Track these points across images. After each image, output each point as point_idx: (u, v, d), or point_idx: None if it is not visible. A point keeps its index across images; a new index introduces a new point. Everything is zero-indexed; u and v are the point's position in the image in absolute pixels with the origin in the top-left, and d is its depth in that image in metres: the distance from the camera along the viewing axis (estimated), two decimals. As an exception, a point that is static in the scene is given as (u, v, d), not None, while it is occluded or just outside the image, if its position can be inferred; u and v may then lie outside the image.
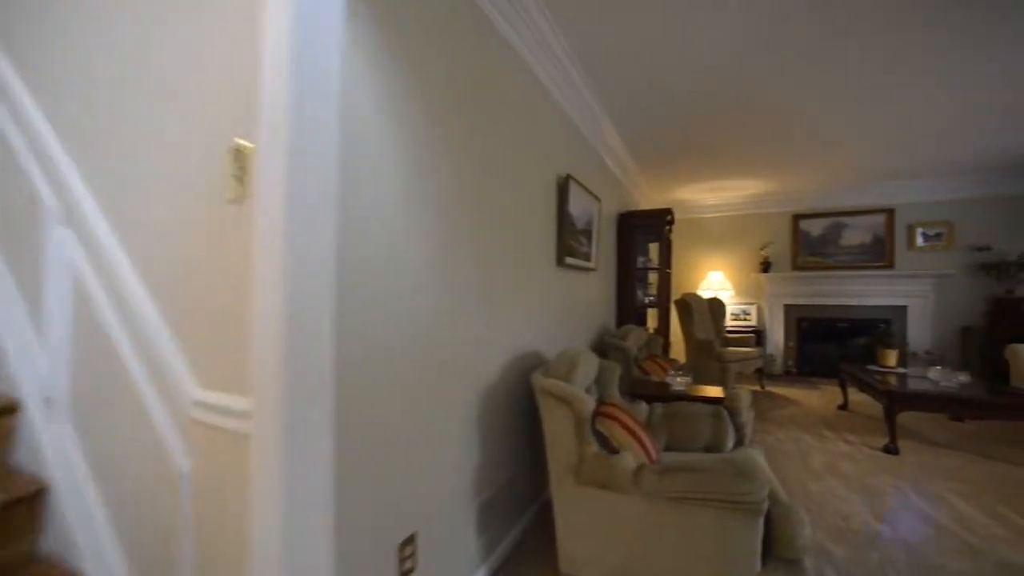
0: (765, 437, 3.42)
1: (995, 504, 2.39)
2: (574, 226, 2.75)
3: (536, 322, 2.35)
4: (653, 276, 4.64)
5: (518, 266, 2.15)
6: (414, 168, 1.39)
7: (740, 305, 6.22)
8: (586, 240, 3.04)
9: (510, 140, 2.05)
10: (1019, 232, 5.06)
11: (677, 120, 3.55)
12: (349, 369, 1.12)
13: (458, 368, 1.62)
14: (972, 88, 2.99)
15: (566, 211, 2.54)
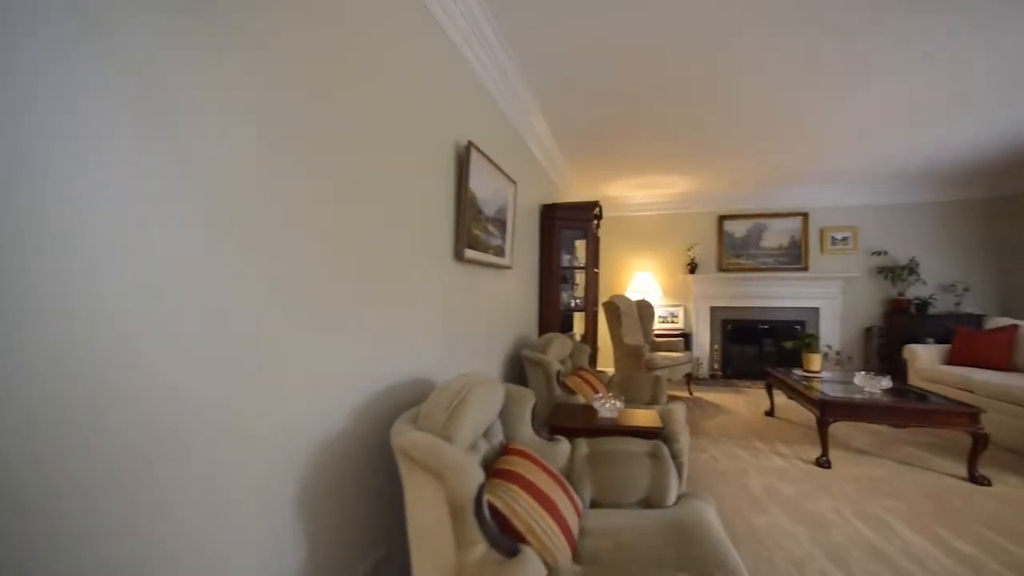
0: (700, 455, 3.09)
1: (934, 527, 2.21)
2: (480, 212, 2.17)
3: (423, 337, 1.74)
4: (580, 277, 4.22)
5: (394, 260, 1.53)
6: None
7: (668, 307, 6.05)
8: (498, 231, 2.48)
9: (389, 88, 1.43)
10: (910, 239, 5.34)
11: (605, 106, 3.22)
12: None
13: (256, 425, 0.96)
14: (879, 102, 3.18)
15: (467, 190, 1.95)
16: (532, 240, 3.61)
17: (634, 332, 5.06)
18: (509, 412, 1.63)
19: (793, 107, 3.28)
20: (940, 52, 2.54)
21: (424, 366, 1.77)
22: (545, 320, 3.71)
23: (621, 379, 3.16)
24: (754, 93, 3.04)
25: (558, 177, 4.71)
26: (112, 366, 0.72)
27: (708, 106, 3.25)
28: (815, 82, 2.89)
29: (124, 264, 0.74)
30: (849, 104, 3.23)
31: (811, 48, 2.49)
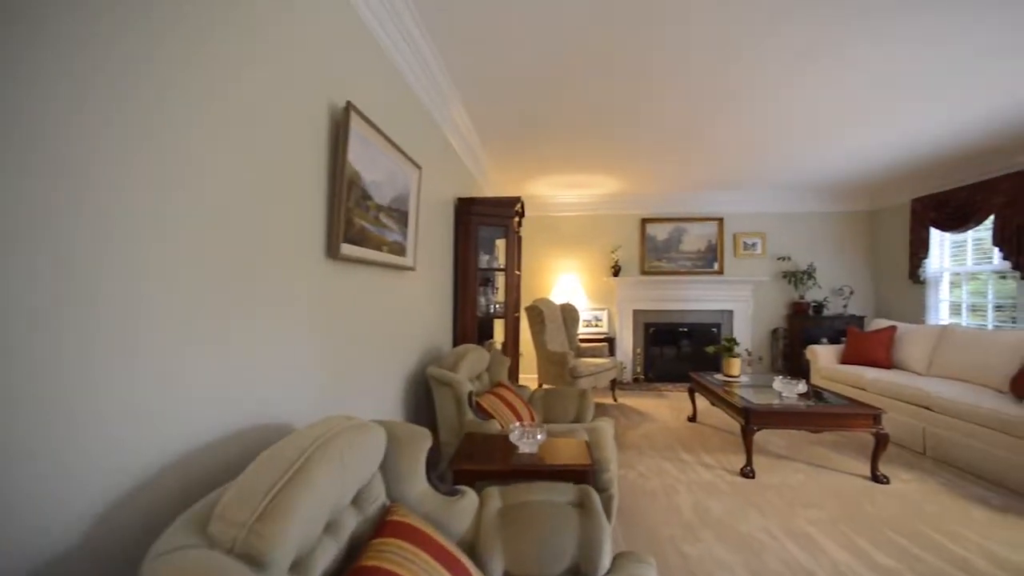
0: (629, 473, 2.87)
1: (854, 537, 2.17)
2: (368, 197, 1.71)
3: (280, 364, 1.26)
4: (501, 279, 3.87)
5: (229, 261, 1.04)
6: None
7: (592, 311, 5.93)
8: (397, 225, 2.03)
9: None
10: (810, 245, 5.71)
11: (530, 99, 2.98)
12: None
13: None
14: (778, 115, 3.25)
15: (345, 165, 1.49)
16: (446, 238, 3.18)
17: (558, 338, 4.83)
18: (394, 462, 1.21)
19: (706, 115, 3.27)
20: (826, 67, 2.59)
21: (287, 405, 1.28)
22: (461, 328, 3.31)
23: (544, 394, 2.85)
24: (673, 99, 3.00)
25: (479, 173, 4.33)
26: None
27: (633, 106, 3.13)
28: (722, 92, 2.89)
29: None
30: (752, 115, 3.26)
31: (719, 60, 2.50)
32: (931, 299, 4.83)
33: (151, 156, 0.87)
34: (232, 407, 1.10)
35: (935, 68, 2.59)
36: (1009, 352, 3.24)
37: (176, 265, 0.93)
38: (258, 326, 1.18)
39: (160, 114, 0.89)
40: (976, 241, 4.48)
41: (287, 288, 1.29)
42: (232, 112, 1.08)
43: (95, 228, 0.77)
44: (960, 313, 4.63)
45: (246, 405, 1.15)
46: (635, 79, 2.74)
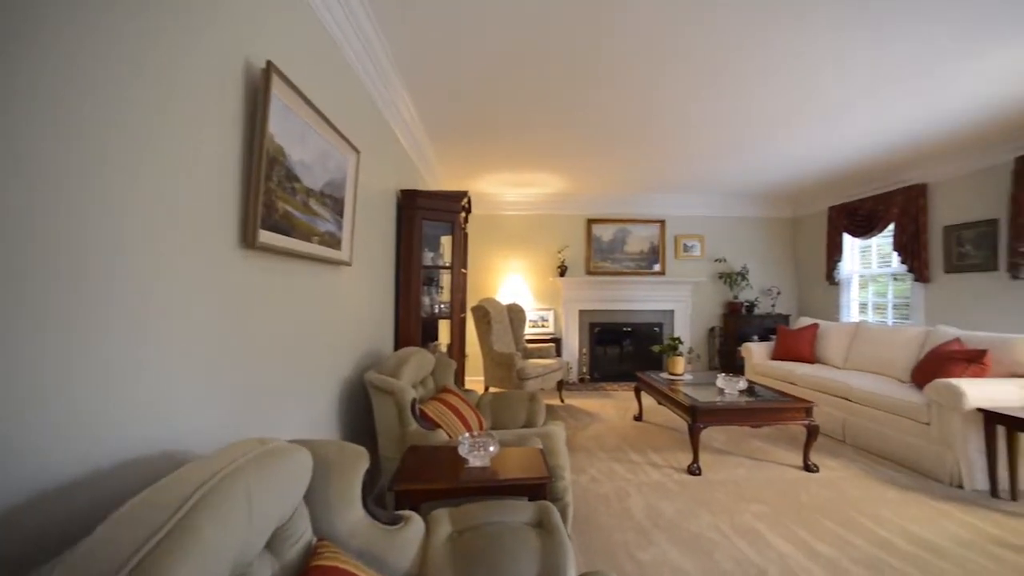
0: (580, 477, 2.80)
1: (795, 528, 2.22)
2: (295, 179, 1.48)
3: (178, 376, 1.00)
4: (446, 278, 3.67)
5: (116, 250, 0.79)
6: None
7: (539, 311, 5.88)
8: (331, 213, 1.79)
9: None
10: (744, 248, 6.05)
11: (476, 87, 2.85)
12: None
13: None
14: (710, 120, 3.35)
15: (265, 137, 1.25)
16: (387, 232, 2.95)
17: (505, 339, 4.71)
18: (323, 490, 1.00)
19: (645, 119, 3.34)
20: (752, 82, 2.77)
21: (175, 425, 1.02)
22: (404, 330, 3.08)
23: (492, 398, 2.70)
24: (615, 101, 3.05)
25: (425, 167, 4.11)
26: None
27: (578, 106, 3.12)
28: (657, 96, 2.97)
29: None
30: (685, 121, 3.37)
31: (655, 66, 2.58)
32: (844, 299, 5.28)
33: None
34: (110, 432, 0.84)
35: (845, 86, 2.81)
36: (909, 346, 3.56)
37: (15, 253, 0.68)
38: (148, 326, 0.93)
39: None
40: (879, 246, 4.95)
41: (185, 282, 1.04)
42: (109, 64, 0.83)
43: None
44: (867, 311, 5.09)
45: (130, 430, 0.89)
46: (580, 80, 2.75)
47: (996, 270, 3.74)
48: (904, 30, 2.23)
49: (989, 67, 2.57)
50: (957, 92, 2.90)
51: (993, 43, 2.34)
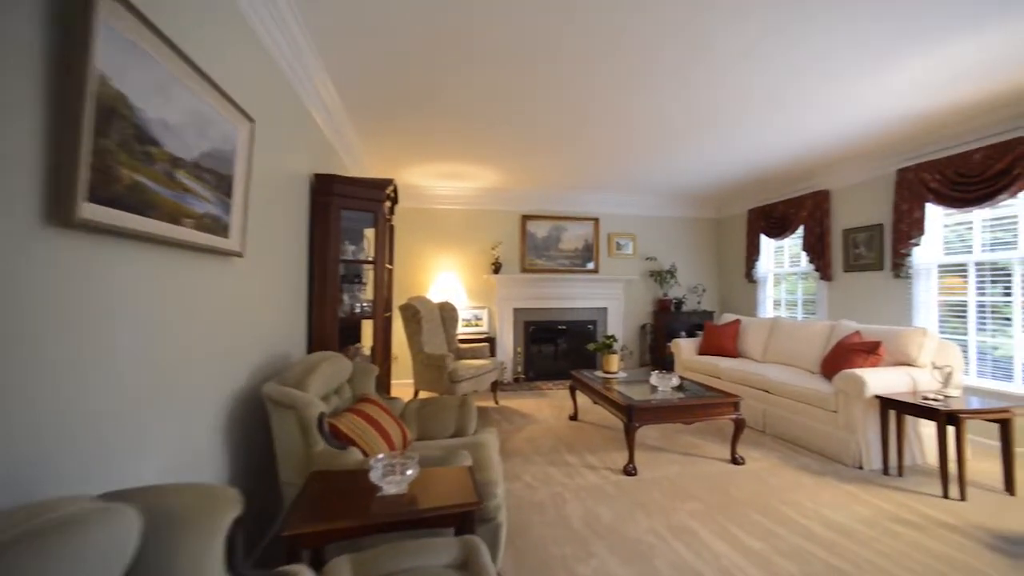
0: (515, 485, 2.63)
1: (727, 525, 2.23)
2: (153, 143, 1.15)
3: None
4: (370, 274, 3.34)
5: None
6: None
7: (472, 310, 5.67)
8: (213, 192, 1.45)
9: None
10: (673, 247, 6.27)
11: (402, 69, 2.62)
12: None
13: None
14: (639, 120, 3.38)
15: (89, 74, 0.92)
16: (298, 221, 2.58)
17: (436, 339, 4.45)
18: (166, 559, 0.72)
19: (577, 117, 3.31)
20: (677, 86, 2.85)
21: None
22: (318, 332, 2.72)
23: (419, 406, 2.46)
24: (547, 97, 2.99)
25: (346, 151, 3.73)
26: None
27: (513, 97, 2.99)
28: (587, 95, 2.95)
29: None
30: (616, 121, 3.38)
31: (582, 67, 2.57)
32: (761, 296, 5.64)
33: None
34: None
35: (763, 94, 2.94)
36: (818, 339, 3.82)
37: None
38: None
39: None
40: (790, 247, 5.33)
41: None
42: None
43: None
44: (780, 307, 5.47)
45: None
46: (511, 71, 2.62)
47: (883, 269, 4.13)
48: (808, 43, 2.34)
49: (885, 83, 2.78)
50: (855, 106, 3.12)
51: (887, 62, 2.53)
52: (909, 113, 3.24)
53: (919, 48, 2.38)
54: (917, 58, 2.48)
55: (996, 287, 3.40)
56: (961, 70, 2.63)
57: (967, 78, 2.73)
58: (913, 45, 2.36)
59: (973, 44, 2.36)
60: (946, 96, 2.97)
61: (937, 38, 2.29)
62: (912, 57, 2.48)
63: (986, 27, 2.20)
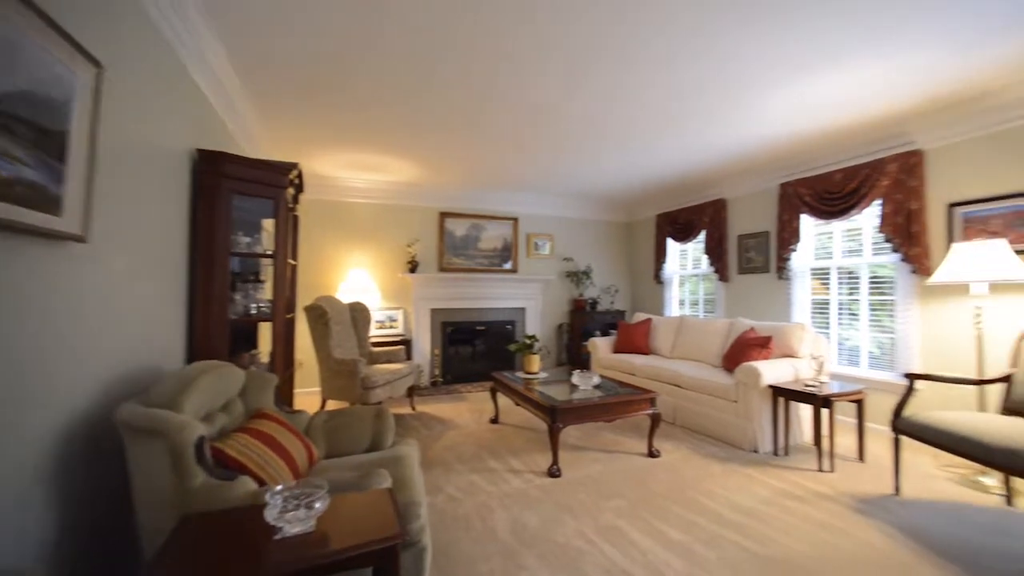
0: (437, 499, 2.44)
1: (651, 519, 2.27)
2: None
3: None
4: (270, 270, 2.92)
5: None
6: None
7: (386, 310, 5.32)
8: (32, 152, 1.09)
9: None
10: (589, 249, 6.47)
11: (306, 45, 2.32)
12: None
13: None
14: (555, 122, 3.42)
15: None
16: (175, 204, 2.14)
17: (347, 343, 4.08)
18: None
19: (490, 114, 3.27)
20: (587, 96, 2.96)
21: None
22: (202, 337, 2.28)
23: (328, 419, 2.16)
24: (459, 92, 2.91)
25: (241, 130, 3.24)
26: None
27: (431, 89, 2.84)
28: (499, 93, 2.92)
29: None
30: (536, 117, 3.36)
31: (491, 63, 2.52)
32: (667, 296, 6.04)
33: None
34: None
35: (669, 110, 3.16)
36: (719, 336, 4.16)
37: None
38: None
39: None
40: (693, 251, 5.79)
41: None
42: None
43: None
44: (685, 307, 5.91)
45: None
46: (424, 69, 2.53)
47: (769, 272, 4.63)
48: (707, 67, 2.55)
49: (771, 105, 3.09)
50: (747, 125, 3.45)
51: (773, 88, 2.82)
52: (790, 134, 3.65)
53: (796, 77, 2.67)
54: (795, 86, 2.79)
55: (849, 288, 3.98)
56: (826, 100, 3.02)
57: (830, 108, 3.14)
58: (793, 74, 2.65)
59: (835, 78, 2.71)
60: (817, 122, 3.39)
61: (808, 70, 2.59)
62: (792, 85, 2.78)
63: (845, 65, 2.54)
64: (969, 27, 2.19)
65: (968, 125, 3.14)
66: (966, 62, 2.53)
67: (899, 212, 3.47)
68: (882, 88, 2.84)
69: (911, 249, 3.40)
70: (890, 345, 3.65)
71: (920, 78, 2.70)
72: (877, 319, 3.78)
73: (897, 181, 3.49)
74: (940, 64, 2.54)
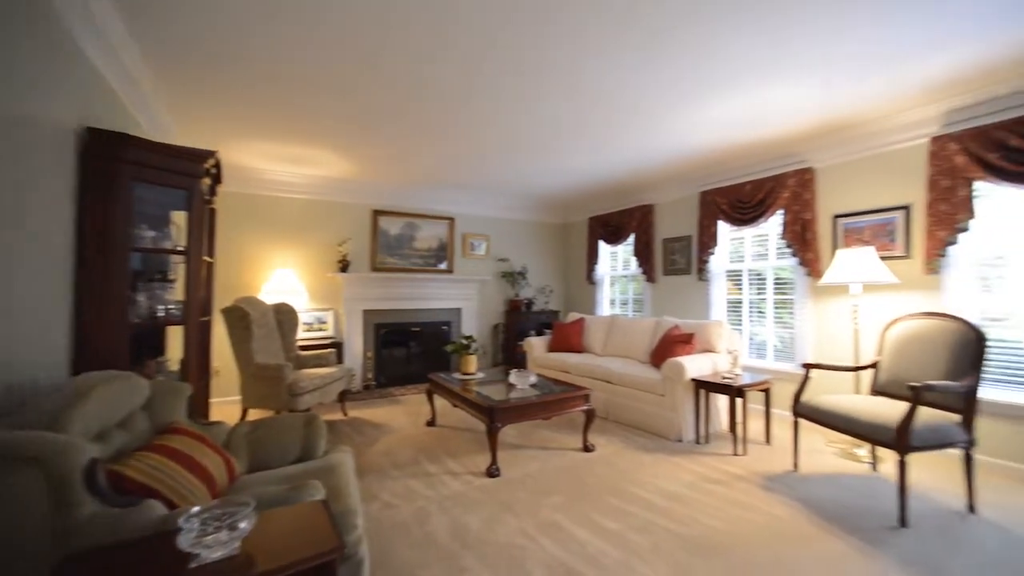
0: (373, 506, 2.34)
1: (588, 512, 2.34)
2: None
3: None
4: (180, 269, 2.63)
5: None
6: None
7: (315, 312, 5.02)
8: None
9: None
10: (524, 249, 6.57)
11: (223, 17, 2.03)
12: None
13: None
14: (491, 124, 3.47)
15: None
16: (54, 190, 1.85)
17: (271, 347, 3.80)
18: None
19: (428, 111, 3.23)
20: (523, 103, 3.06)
21: None
22: (95, 344, 1.99)
23: (251, 429, 2.00)
24: (389, 82, 2.81)
25: (142, 110, 2.88)
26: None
27: (362, 85, 2.77)
28: (434, 90, 2.91)
29: None
30: (468, 119, 3.38)
31: (427, 54, 2.48)
32: (599, 296, 6.30)
33: None
34: None
35: (599, 117, 3.31)
36: (647, 334, 4.41)
37: None
38: None
39: None
40: (623, 252, 6.09)
41: None
42: None
43: None
44: (615, 306, 6.20)
45: None
46: (359, 64, 2.47)
47: (691, 273, 5.00)
48: (637, 78, 2.71)
49: (694, 119, 3.35)
50: (672, 135, 3.70)
51: (696, 103, 3.06)
52: (709, 146, 3.97)
53: (713, 93, 2.92)
54: (714, 102, 3.05)
55: (758, 288, 4.41)
56: (738, 119, 3.34)
57: (741, 126, 3.48)
58: (710, 91, 2.89)
59: (742, 101, 3.02)
60: (731, 137, 3.72)
61: (720, 89, 2.85)
62: (711, 101, 3.03)
63: (751, 90, 2.85)
64: (842, 70, 2.57)
65: (848, 148, 3.62)
66: (845, 97, 2.94)
67: (796, 221, 3.90)
68: (782, 112, 3.19)
69: (806, 254, 3.84)
70: (790, 339, 4.10)
71: (811, 105, 3.07)
72: (780, 316, 4.23)
73: (795, 194, 3.93)
74: (824, 96, 2.93)
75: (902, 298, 3.28)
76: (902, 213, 3.32)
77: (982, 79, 2.73)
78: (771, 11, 2.05)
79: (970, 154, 2.89)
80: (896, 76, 2.68)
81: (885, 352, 2.82)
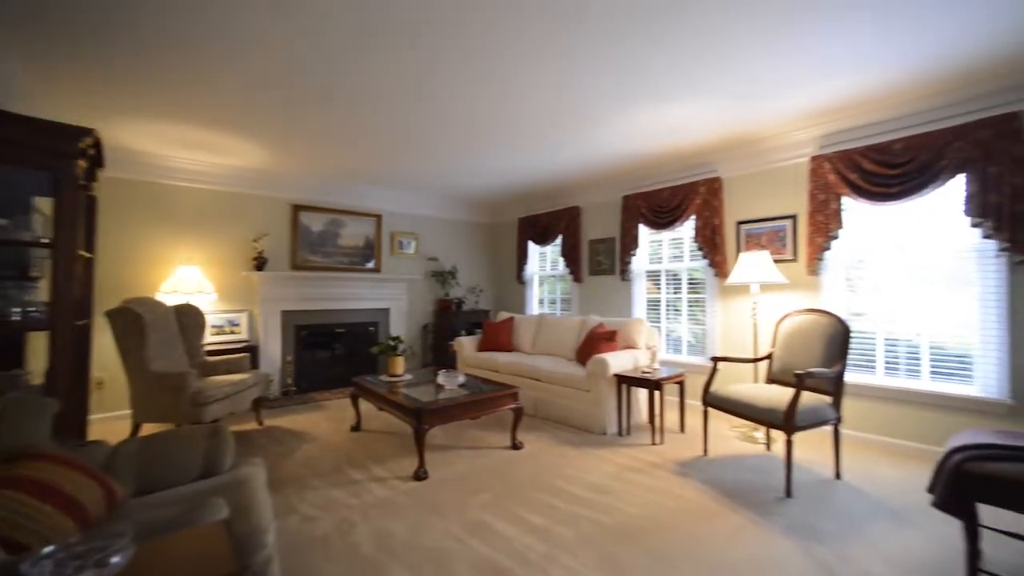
0: (290, 520, 2.18)
1: (515, 508, 2.37)
2: None
3: None
4: (47, 265, 2.26)
5: None
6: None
7: (226, 314, 4.58)
8: None
9: None
10: (454, 249, 6.51)
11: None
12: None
13: None
14: (434, 122, 3.41)
15: None
16: None
17: (172, 353, 3.41)
18: None
19: (362, 101, 3.07)
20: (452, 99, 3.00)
21: None
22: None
23: (142, 447, 1.77)
24: (333, 63, 2.60)
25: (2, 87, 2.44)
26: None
27: (285, 72, 2.52)
28: (360, 85, 2.83)
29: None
30: (397, 114, 3.31)
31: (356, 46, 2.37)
32: (529, 295, 6.41)
33: None
34: None
35: (527, 121, 3.37)
36: (573, 331, 4.56)
37: None
38: None
39: None
40: (551, 253, 6.25)
41: None
42: None
43: None
44: (544, 305, 6.34)
45: None
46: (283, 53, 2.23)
47: (615, 274, 5.26)
48: (564, 86, 2.77)
49: (621, 127, 3.53)
50: (598, 142, 3.88)
51: (623, 112, 3.23)
52: (631, 153, 4.21)
53: (635, 107, 3.11)
54: (635, 113, 3.24)
55: (674, 288, 4.76)
56: (657, 128, 3.57)
57: (658, 135, 3.73)
58: (632, 106, 3.08)
59: (656, 115, 3.25)
60: (653, 144, 3.97)
61: (641, 103, 3.03)
62: (633, 113, 3.22)
63: (665, 102, 3.05)
64: (742, 93, 2.85)
65: (750, 161, 4.02)
66: (748, 113, 3.25)
67: (707, 226, 4.26)
68: (696, 124, 3.47)
69: (715, 256, 4.20)
70: (703, 334, 4.46)
71: (720, 119, 3.37)
72: (693, 313, 4.59)
73: (705, 201, 4.28)
74: (732, 112, 3.23)
75: (792, 296, 3.70)
76: (790, 221, 3.76)
77: (853, 108, 3.17)
78: (677, 44, 2.31)
79: (838, 173, 3.37)
80: (788, 100, 3.03)
81: (777, 344, 3.17)
